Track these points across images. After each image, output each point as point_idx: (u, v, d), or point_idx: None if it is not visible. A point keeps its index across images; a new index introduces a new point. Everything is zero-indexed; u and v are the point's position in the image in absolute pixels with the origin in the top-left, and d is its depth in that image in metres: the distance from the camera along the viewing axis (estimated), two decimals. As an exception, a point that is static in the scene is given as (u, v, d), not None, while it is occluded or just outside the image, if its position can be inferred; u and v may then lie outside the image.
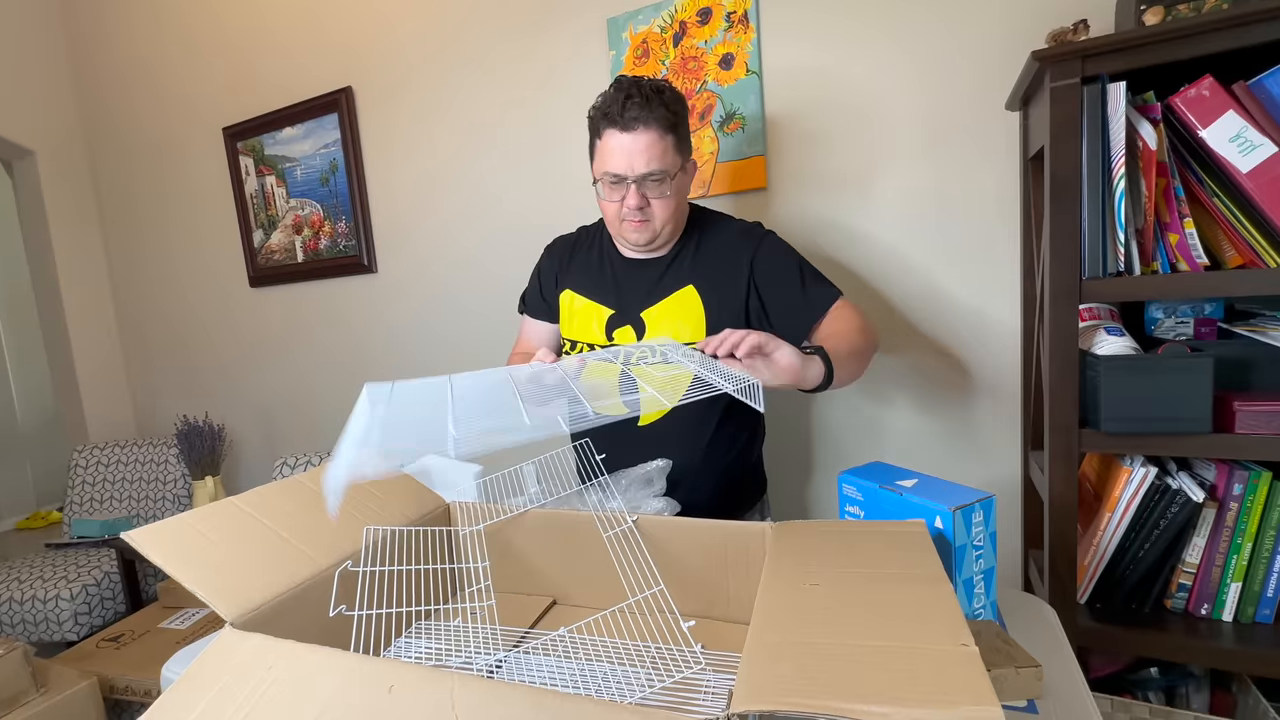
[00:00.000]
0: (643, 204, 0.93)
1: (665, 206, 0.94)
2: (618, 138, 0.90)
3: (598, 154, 0.95)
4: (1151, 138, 0.82)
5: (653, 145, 0.90)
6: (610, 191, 0.94)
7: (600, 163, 0.94)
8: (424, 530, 0.77)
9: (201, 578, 0.58)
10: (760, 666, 0.43)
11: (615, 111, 0.90)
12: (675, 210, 0.96)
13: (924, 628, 0.46)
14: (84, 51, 2.43)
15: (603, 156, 0.93)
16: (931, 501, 0.69)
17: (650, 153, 0.90)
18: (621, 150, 0.90)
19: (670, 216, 0.95)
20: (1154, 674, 0.98)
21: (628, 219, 0.94)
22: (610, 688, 0.59)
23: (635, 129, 0.89)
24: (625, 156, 0.90)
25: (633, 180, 0.91)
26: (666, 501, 0.87)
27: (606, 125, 0.91)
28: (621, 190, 0.93)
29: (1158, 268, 0.87)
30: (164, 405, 2.52)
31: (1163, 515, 0.90)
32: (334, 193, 1.94)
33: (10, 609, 1.81)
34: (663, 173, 0.91)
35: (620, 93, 0.90)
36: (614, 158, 0.91)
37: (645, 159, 0.90)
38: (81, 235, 2.49)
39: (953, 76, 1.20)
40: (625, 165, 0.91)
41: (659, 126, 0.90)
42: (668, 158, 0.91)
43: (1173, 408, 0.82)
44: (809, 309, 0.95)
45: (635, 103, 0.89)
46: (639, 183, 0.91)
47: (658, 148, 0.90)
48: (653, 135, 0.89)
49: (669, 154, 0.91)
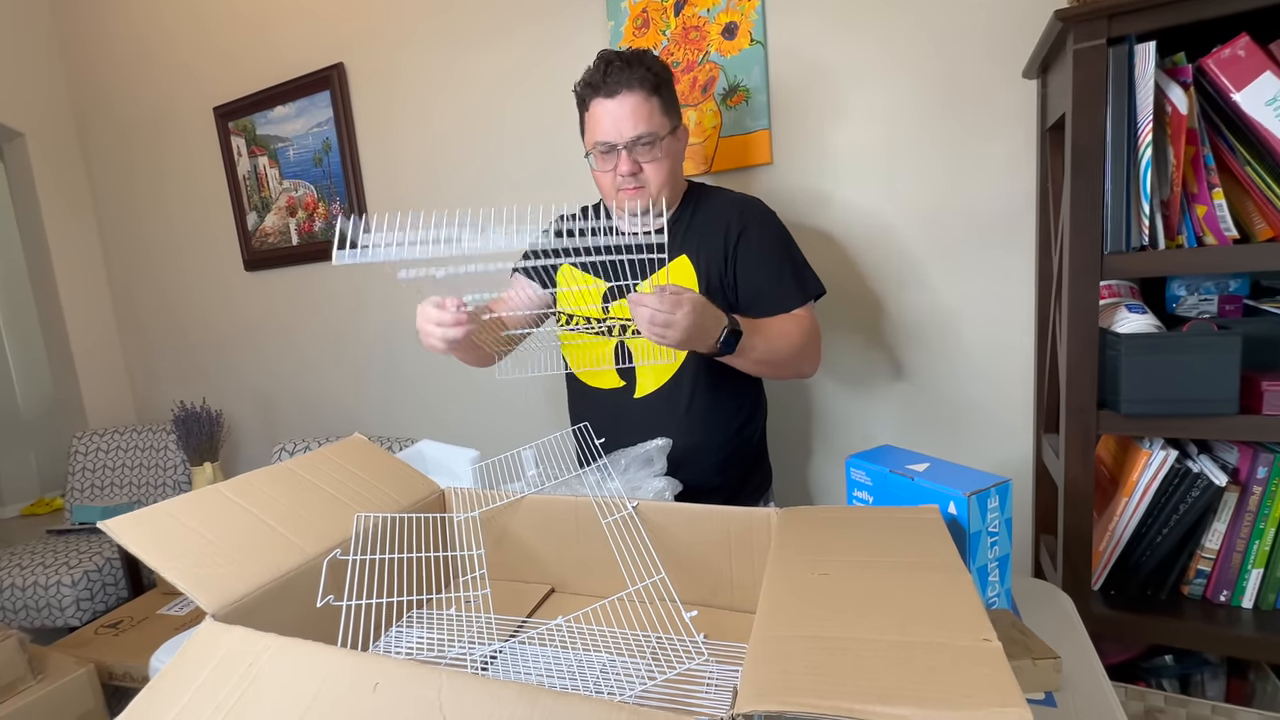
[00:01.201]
0: (635, 169, 0.92)
1: (659, 170, 0.93)
2: (603, 105, 0.91)
3: (587, 126, 0.95)
4: (1182, 102, 0.77)
5: (639, 108, 0.90)
6: (602, 161, 0.94)
7: (590, 134, 0.94)
8: (417, 517, 0.75)
9: (182, 568, 0.56)
10: (767, 663, 0.40)
11: (598, 79, 0.91)
12: (669, 174, 0.95)
13: (942, 621, 0.43)
14: (73, 31, 2.37)
15: (592, 127, 0.93)
16: (945, 486, 0.66)
17: (637, 115, 0.90)
18: (609, 116, 0.91)
19: (665, 180, 0.94)
20: (1169, 661, 0.96)
21: (622, 187, 0.93)
22: (609, 680, 0.57)
23: (619, 93, 0.90)
24: (613, 122, 0.90)
25: (623, 146, 0.91)
26: (668, 481, 0.85)
27: (591, 95, 0.92)
28: (613, 159, 0.93)
29: (1183, 241, 0.83)
30: (162, 391, 2.51)
31: (1182, 499, 0.86)
32: (327, 173, 1.90)
33: (13, 595, 1.81)
34: (652, 135, 0.91)
35: (601, 62, 0.91)
36: (602, 125, 0.91)
37: (633, 122, 0.90)
38: (75, 219, 2.46)
39: (967, 45, 1.14)
40: (614, 131, 0.91)
41: (643, 88, 0.90)
42: (655, 119, 0.91)
43: (1198, 388, 0.79)
44: (771, 305, 0.95)
45: (616, 67, 0.90)
46: (629, 148, 0.91)
47: (644, 109, 0.90)
48: (638, 97, 0.90)
49: (656, 115, 0.91)
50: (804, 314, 0.95)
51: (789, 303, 0.95)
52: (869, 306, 1.30)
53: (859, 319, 1.31)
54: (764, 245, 0.96)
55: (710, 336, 0.80)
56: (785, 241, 0.99)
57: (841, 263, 1.29)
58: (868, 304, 1.30)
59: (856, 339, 1.32)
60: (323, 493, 0.71)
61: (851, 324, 1.32)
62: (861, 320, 1.31)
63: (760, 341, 0.86)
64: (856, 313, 1.31)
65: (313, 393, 2.15)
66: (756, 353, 0.85)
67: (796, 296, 0.95)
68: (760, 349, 0.86)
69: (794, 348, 0.91)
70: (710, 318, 0.79)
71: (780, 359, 0.90)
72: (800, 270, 0.98)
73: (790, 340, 0.91)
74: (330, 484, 0.73)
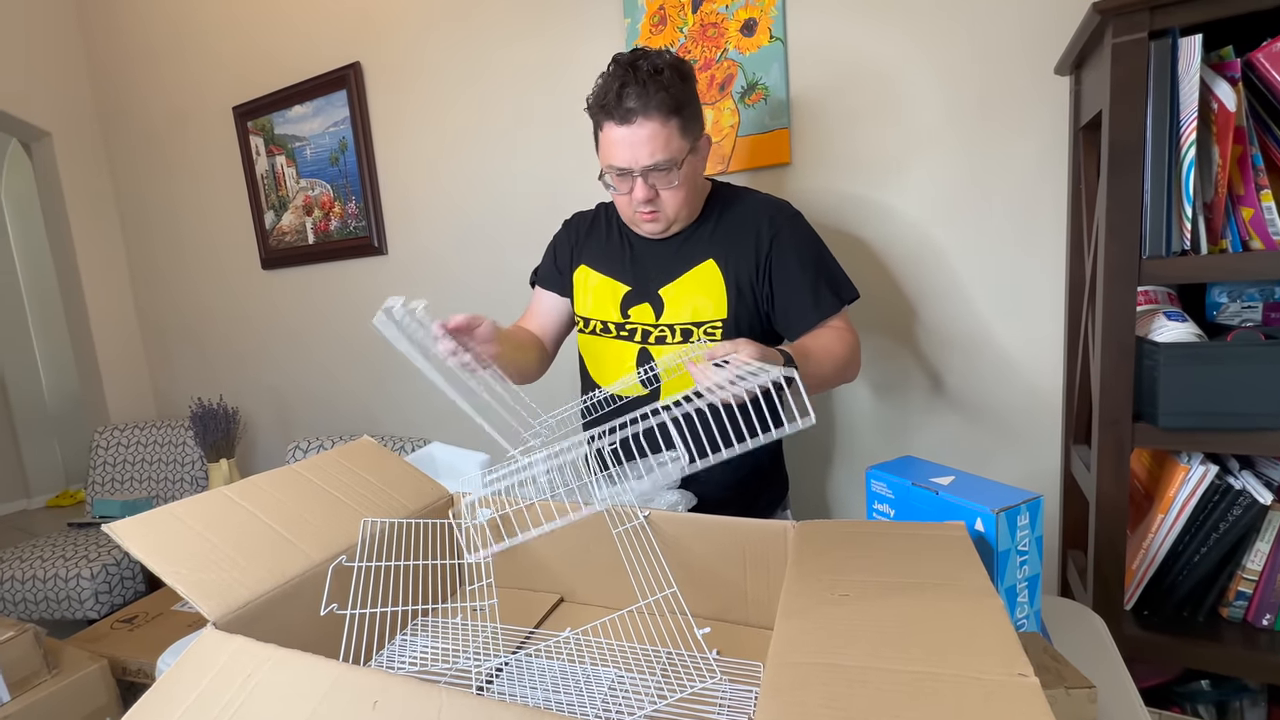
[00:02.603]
0: (651, 195, 0.87)
1: (675, 196, 0.89)
2: (617, 131, 0.84)
3: (600, 146, 0.89)
4: (1229, 99, 0.73)
5: (655, 135, 0.83)
6: (618, 183, 0.89)
7: (604, 155, 0.89)
8: (425, 523, 0.73)
9: (184, 573, 0.55)
10: (783, 694, 0.38)
11: (612, 103, 0.83)
12: (688, 198, 0.91)
13: (971, 651, 0.40)
14: (97, 33, 2.41)
15: (605, 149, 0.88)
16: (971, 502, 0.63)
17: (654, 143, 0.83)
18: (623, 143, 0.84)
19: (683, 204, 0.90)
20: (1205, 686, 0.91)
21: (639, 211, 0.90)
22: (618, 697, 0.55)
23: (634, 121, 0.83)
24: (628, 150, 0.84)
25: (638, 173, 0.86)
26: (681, 494, 0.83)
27: (604, 118, 0.86)
28: (628, 183, 0.88)
29: (1227, 246, 0.78)
30: (181, 387, 2.54)
31: (1222, 518, 0.82)
32: (343, 172, 1.91)
33: (34, 586, 1.84)
34: (669, 162, 0.85)
35: (614, 81, 0.83)
36: (615, 150, 0.85)
37: (649, 150, 0.84)
38: (98, 218, 2.50)
39: (995, 42, 1.10)
40: (628, 159, 0.85)
41: (660, 113, 0.82)
42: (673, 145, 0.84)
43: (1242, 401, 0.74)
44: (809, 315, 0.91)
45: (631, 92, 0.82)
46: (644, 175, 0.86)
47: (660, 137, 0.83)
48: (654, 125, 0.83)
49: (674, 140, 0.85)
50: (841, 324, 0.92)
51: (825, 311, 0.91)
52: (890, 311, 1.27)
53: (879, 324, 1.28)
54: (799, 252, 0.92)
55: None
56: (818, 246, 0.95)
57: (861, 266, 1.26)
58: (888, 309, 1.27)
59: (877, 345, 1.29)
60: (329, 497, 0.70)
61: (872, 329, 1.28)
62: (882, 325, 1.28)
63: (812, 366, 0.82)
64: (877, 318, 1.27)
65: (327, 391, 2.16)
66: (809, 379, 0.81)
67: (833, 304, 0.91)
68: (812, 374, 0.81)
69: (840, 364, 0.88)
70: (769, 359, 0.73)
71: (828, 378, 0.87)
72: (835, 276, 0.94)
73: (836, 357, 0.87)
74: (337, 488, 0.72)
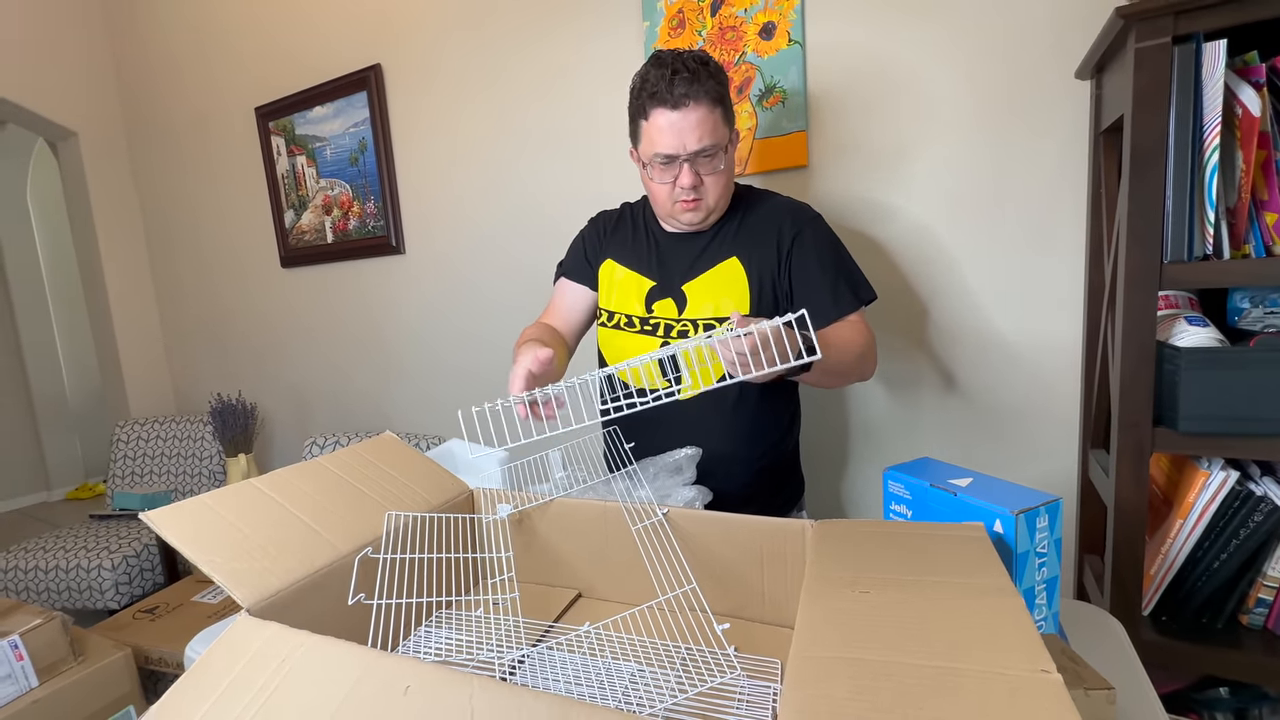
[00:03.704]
0: (697, 182, 0.90)
1: (717, 182, 0.91)
2: (667, 116, 0.87)
3: (645, 135, 0.91)
4: (1254, 104, 0.73)
5: (704, 120, 0.86)
6: (661, 173, 0.91)
7: (648, 144, 0.90)
8: (447, 517, 0.74)
9: (218, 562, 0.56)
10: (808, 685, 0.39)
11: (663, 89, 0.86)
12: (726, 186, 0.94)
13: (995, 648, 0.41)
14: (122, 34, 2.46)
15: (651, 137, 0.89)
16: (990, 504, 0.63)
17: (703, 128, 0.87)
18: (672, 129, 0.87)
19: (722, 193, 0.93)
20: (1223, 694, 0.90)
21: (680, 199, 0.91)
22: (638, 690, 0.56)
23: (685, 105, 0.86)
24: (677, 135, 0.87)
25: (685, 158, 0.88)
26: (698, 490, 0.84)
27: (654, 104, 0.88)
28: (673, 170, 0.90)
29: (1250, 251, 0.78)
30: (201, 383, 2.58)
31: (1243, 524, 0.82)
32: (363, 172, 1.93)
33: (57, 576, 1.88)
34: (715, 146, 0.88)
35: (665, 69, 0.86)
36: (664, 137, 0.88)
37: (698, 135, 0.87)
38: (122, 216, 2.55)
39: (1015, 46, 1.10)
40: (677, 144, 0.87)
41: (708, 99, 0.86)
42: (719, 131, 0.89)
43: (1264, 407, 0.74)
44: (828, 311, 0.92)
45: (683, 78, 0.85)
46: (691, 160, 0.88)
47: (709, 122, 0.87)
48: (703, 110, 0.86)
49: (719, 127, 0.89)
50: (859, 320, 0.94)
51: (844, 309, 0.93)
52: (909, 313, 1.27)
53: (898, 325, 1.28)
54: (819, 251, 0.94)
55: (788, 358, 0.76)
56: (837, 247, 0.97)
57: (880, 268, 1.26)
58: (908, 310, 1.27)
59: (896, 346, 1.29)
60: (355, 490, 0.72)
61: (891, 331, 1.28)
62: (901, 327, 1.28)
63: (831, 353, 0.83)
64: (896, 319, 1.28)
65: (344, 388, 2.19)
66: (827, 364, 0.82)
67: (852, 303, 0.93)
68: (831, 360, 0.83)
69: (857, 355, 0.89)
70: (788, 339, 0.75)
71: (846, 368, 0.89)
72: (854, 276, 0.96)
73: (853, 347, 0.89)
74: (362, 481, 0.73)
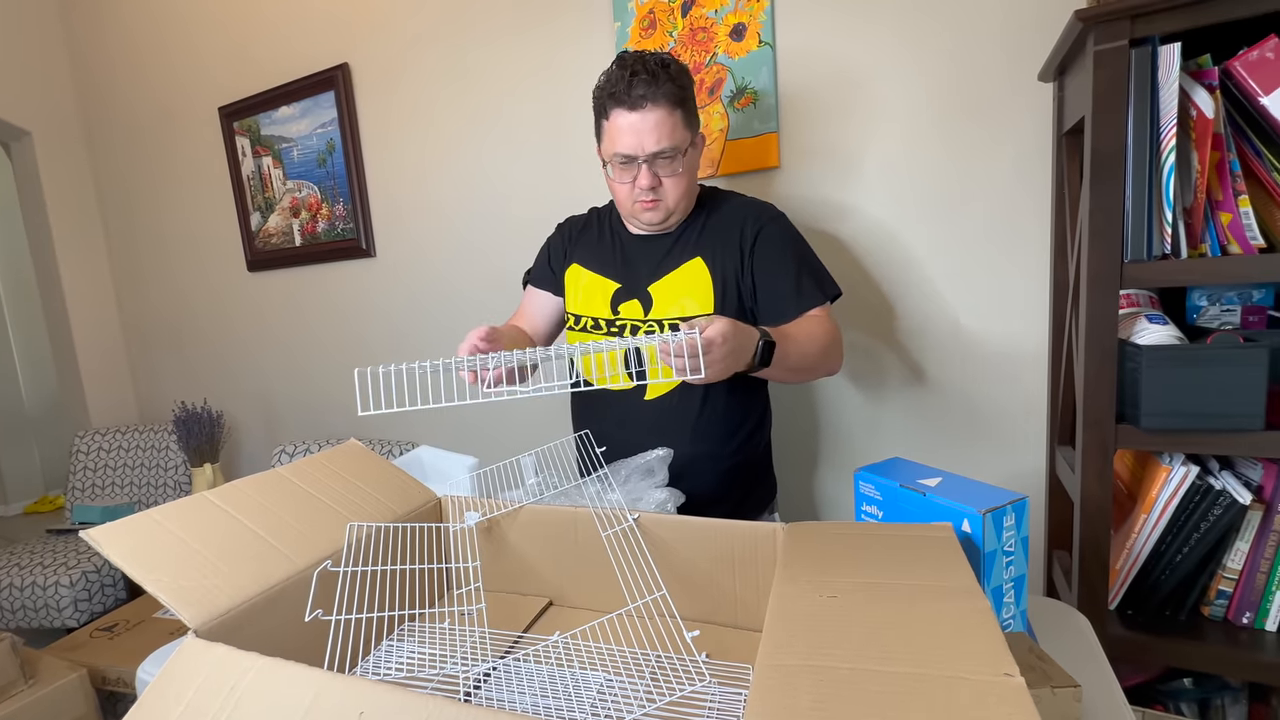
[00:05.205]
0: (655, 183, 0.90)
1: (677, 185, 0.91)
2: (625, 117, 0.88)
3: (605, 135, 0.92)
4: (1208, 106, 0.74)
5: (662, 122, 0.87)
6: (620, 173, 0.92)
7: (609, 144, 0.91)
8: (412, 527, 0.72)
9: (164, 580, 0.54)
10: (772, 696, 0.38)
11: (621, 90, 0.87)
12: (687, 188, 0.93)
13: (959, 652, 0.40)
14: (79, 30, 2.38)
15: (611, 137, 0.90)
16: (959, 503, 0.63)
17: (660, 130, 0.87)
18: (630, 129, 0.88)
19: (682, 195, 0.93)
20: (1187, 685, 0.92)
21: (640, 199, 0.91)
22: (607, 701, 0.55)
23: (643, 107, 0.87)
24: (635, 136, 0.88)
25: (643, 160, 0.89)
26: (670, 492, 0.83)
27: (613, 105, 0.89)
28: (632, 171, 0.90)
29: (1206, 250, 0.80)
30: (165, 390, 2.50)
31: (1203, 518, 0.83)
32: (331, 174, 1.89)
33: (11, 595, 1.80)
34: (673, 149, 0.88)
35: (625, 70, 0.87)
36: (623, 137, 0.88)
37: (655, 137, 0.87)
38: (80, 218, 2.46)
39: (981, 48, 1.12)
40: (635, 145, 0.88)
41: (667, 102, 0.87)
42: (678, 133, 0.89)
43: (1222, 403, 0.76)
44: (792, 304, 0.93)
45: (642, 79, 0.86)
46: (650, 161, 0.89)
47: (667, 124, 0.87)
48: (661, 112, 0.87)
49: (678, 129, 0.89)
50: (823, 315, 0.93)
51: (808, 304, 0.93)
52: (878, 313, 1.28)
53: (868, 326, 1.29)
54: (781, 248, 0.94)
55: (747, 354, 0.76)
56: (800, 244, 0.97)
57: (850, 268, 1.27)
58: (877, 311, 1.27)
59: (863, 347, 1.30)
60: (315, 501, 0.69)
61: (857, 331, 1.29)
62: (870, 327, 1.29)
63: (792, 348, 0.83)
64: (865, 320, 1.28)
65: (314, 395, 2.14)
66: (790, 360, 0.83)
67: (815, 297, 0.93)
68: (793, 355, 0.83)
69: (821, 349, 0.89)
70: (744, 337, 0.75)
71: (811, 363, 0.89)
72: (817, 272, 0.96)
73: (817, 341, 0.89)
74: (323, 491, 0.71)
